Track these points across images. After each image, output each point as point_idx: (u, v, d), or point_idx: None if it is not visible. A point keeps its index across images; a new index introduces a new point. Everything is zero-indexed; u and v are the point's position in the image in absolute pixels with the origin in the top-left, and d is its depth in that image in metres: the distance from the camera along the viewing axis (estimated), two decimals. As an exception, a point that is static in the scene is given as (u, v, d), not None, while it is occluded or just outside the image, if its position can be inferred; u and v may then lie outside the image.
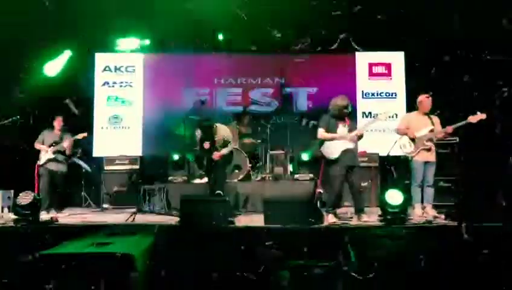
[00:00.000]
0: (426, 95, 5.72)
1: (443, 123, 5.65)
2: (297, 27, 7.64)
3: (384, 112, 5.49)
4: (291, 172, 7.53)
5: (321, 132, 5.31)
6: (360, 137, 5.30)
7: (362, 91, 8.57)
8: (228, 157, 6.32)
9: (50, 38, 7.13)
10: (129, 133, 8.53)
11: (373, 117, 8.03)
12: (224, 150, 6.14)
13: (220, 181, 6.10)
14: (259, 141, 7.67)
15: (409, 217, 5.12)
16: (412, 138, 5.60)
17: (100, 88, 8.59)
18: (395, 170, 6.87)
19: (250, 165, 7.21)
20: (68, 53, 7.68)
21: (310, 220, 4.70)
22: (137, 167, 7.48)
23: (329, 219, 5.10)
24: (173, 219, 5.43)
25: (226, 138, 6.22)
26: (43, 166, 6.44)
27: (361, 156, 6.41)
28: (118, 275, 3.30)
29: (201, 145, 6.19)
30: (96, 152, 8.31)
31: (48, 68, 7.51)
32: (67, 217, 6.00)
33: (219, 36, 8.19)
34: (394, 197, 4.88)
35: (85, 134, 6.70)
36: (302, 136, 7.79)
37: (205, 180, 6.72)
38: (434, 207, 5.63)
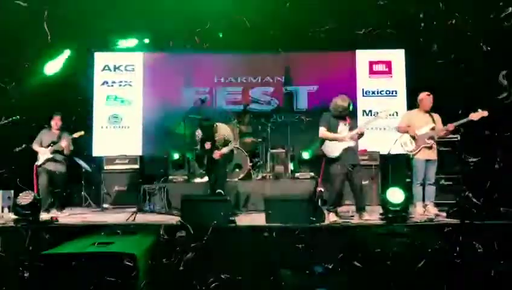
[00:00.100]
0: (427, 93, 5.70)
1: (444, 121, 5.64)
2: (297, 26, 7.62)
3: (384, 110, 5.47)
4: (291, 171, 7.52)
5: (322, 131, 5.30)
6: (361, 135, 5.29)
7: (363, 89, 8.58)
8: (229, 156, 6.30)
9: (50, 37, 7.10)
10: (129, 132, 8.53)
11: (374, 115, 8.02)
12: (224, 149, 6.12)
13: (221, 180, 6.08)
14: (259, 140, 7.67)
15: (411, 215, 5.10)
16: (413, 136, 5.59)
17: (99, 87, 8.58)
18: (393, 168, 6.85)
19: (250, 164, 7.20)
20: (67, 52, 7.67)
21: (311, 218, 4.69)
22: (137, 167, 7.47)
23: (330, 218, 5.10)
24: (174, 219, 5.41)
25: (227, 137, 6.20)
26: (42, 166, 6.39)
27: (362, 155, 6.41)
28: (120, 275, 3.28)
29: (202, 145, 6.17)
30: (96, 152, 8.31)
31: (48, 68, 7.51)
32: (67, 217, 5.98)
33: (219, 35, 8.16)
34: (395, 195, 4.87)
35: (82, 132, 6.61)
36: (303, 134, 7.78)
37: (206, 179, 6.71)
38: (435, 205, 5.62)
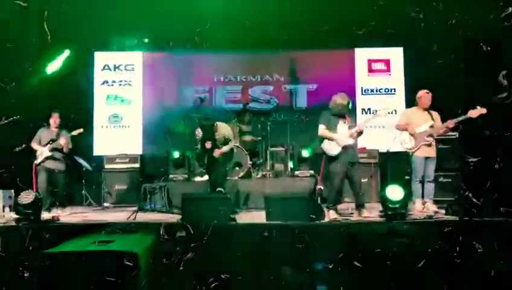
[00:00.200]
0: (425, 91, 5.71)
1: (443, 119, 5.65)
2: (297, 25, 7.63)
3: (383, 108, 5.49)
4: (291, 169, 7.54)
5: (322, 129, 5.31)
6: (360, 133, 5.30)
7: (361, 87, 8.60)
8: (229, 154, 6.32)
9: (50, 37, 7.11)
10: (129, 131, 8.54)
11: (373, 113, 8.03)
12: (224, 148, 6.15)
13: (221, 179, 6.10)
14: (259, 138, 7.67)
15: (410, 213, 5.12)
16: (412, 134, 5.61)
17: (99, 87, 8.59)
18: (392, 166, 6.87)
19: (250, 162, 7.22)
20: (67, 52, 7.67)
21: (311, 216, 4.72)
22: (137, 166, 7.49)
23: (330, 215, 5.11)
24: (175, 217, 5.43)
25: (227, 136, 6.23)
26: (41, 164, 6.36)
27: (361, 152, 6.43)
28: (121, 273, 3.30)
29: (202, 144, 6.20)
30: (96, 151, 8.32)
31: (48, 68, 7.52)
32: (68, 216, 5.99)
33: (218, 34, 8.16)
34: (394, 192, 4.88)
35: (81, 130, 6.56)
36: (302, 132, 7.80)
37: (206, 178, 6.74)
38: (434, 202, 5.64)
